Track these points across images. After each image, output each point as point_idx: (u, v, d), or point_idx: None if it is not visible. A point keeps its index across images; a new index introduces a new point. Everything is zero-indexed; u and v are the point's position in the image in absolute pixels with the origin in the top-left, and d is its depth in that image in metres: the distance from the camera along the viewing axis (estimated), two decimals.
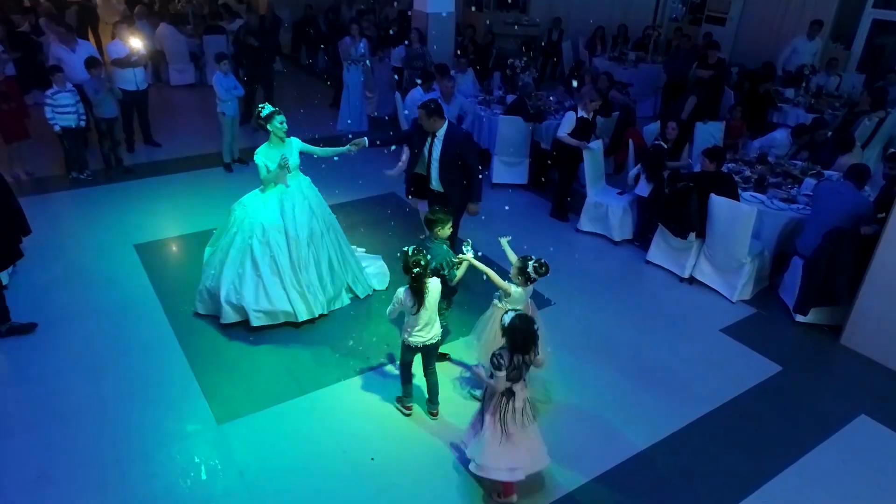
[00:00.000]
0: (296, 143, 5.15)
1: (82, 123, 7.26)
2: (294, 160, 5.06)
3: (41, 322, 5.02)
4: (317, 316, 5.09)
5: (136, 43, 7.96)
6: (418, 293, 3.80)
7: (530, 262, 3.96)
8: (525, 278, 4.01)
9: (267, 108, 4.95)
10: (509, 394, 3.37)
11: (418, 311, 3.85)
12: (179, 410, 4.23)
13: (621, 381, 4.69)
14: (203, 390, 4.40)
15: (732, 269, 5.70)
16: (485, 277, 4.10)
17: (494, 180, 7.92)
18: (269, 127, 4.94)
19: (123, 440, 3.97)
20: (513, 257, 4.18)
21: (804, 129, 7.20)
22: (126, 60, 7.98)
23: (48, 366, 4.58)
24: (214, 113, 8.14)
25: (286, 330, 5.05)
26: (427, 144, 5.21)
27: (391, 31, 11.32)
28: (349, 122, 9.43)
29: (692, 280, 6.00)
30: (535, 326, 3.34)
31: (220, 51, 9.61)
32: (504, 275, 4.18)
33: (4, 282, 5.43)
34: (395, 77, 10.10)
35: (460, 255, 4.11)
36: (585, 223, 6.86)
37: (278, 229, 4.91)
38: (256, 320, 4.95)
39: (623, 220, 6.59)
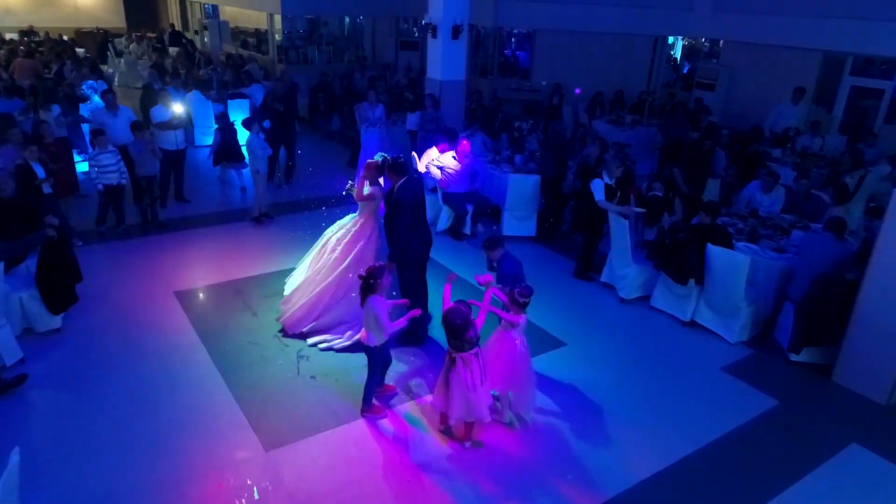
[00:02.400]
0: None
1: (123, 181, 7.84)
2: None
3: (98, 360, 5.47)
4: None
5: (178, 108, 8.69)
6: (364, 292, 4.58)
7: (515, 291, 4.57)
8: (519, 306, 4.57)
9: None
10: (452, 360, 4.36)
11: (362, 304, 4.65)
12: (230, 439, 4.63)
13: (629, 414, 5.10)
14: (249, 422, 4.81)
15: (730, 312, 6.19)
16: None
17: (505, 232, 8.48)
18: None
19: (181, 466, 4.36)
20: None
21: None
22: (169, 123, 8.68)
23: (106, 400, 4.99)
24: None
25: (320, 366, 5.49)
26: None
27: (410, 97, 12.12)
28: None
29: (693, 324, 6.47)
30: (460, 322, 4.21)
31: (245, 115, 10.41)
32: None
33: (58, 325, 5.91)
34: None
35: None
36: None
37: None
38: None
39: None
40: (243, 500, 4.10)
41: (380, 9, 16.52)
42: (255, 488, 4.20)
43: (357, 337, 5.29)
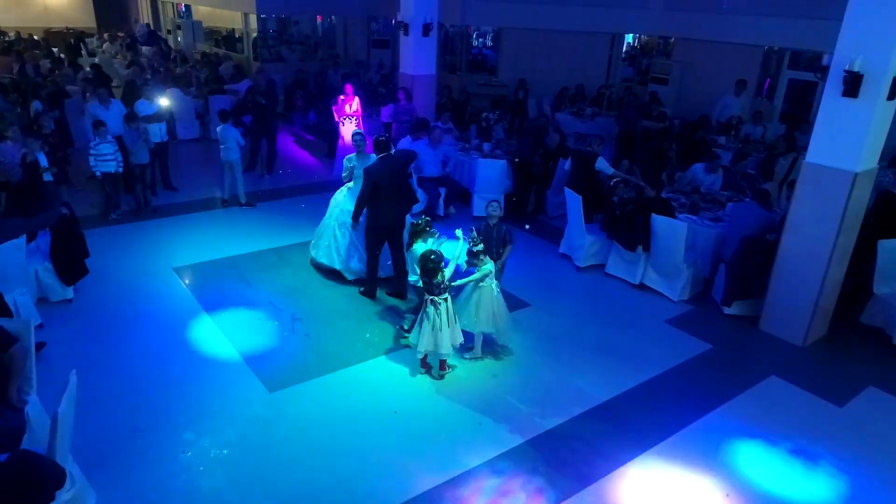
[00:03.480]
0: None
1: (120, 169, 8.37)
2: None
3: (111, 324, 6.06)
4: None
5: (164, 101, 9.24)
6: (411, 237, 5.72)
7: (469, 245, 5.42)
8: (477, 256, 5.42)
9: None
10: (429, 302, 5.20)
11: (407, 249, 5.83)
12: (238, 384, 5.29)
13: (586, 357, 5.90)
14: (253, 370, 5.47)
15: (673, 274, 7.04)
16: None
17: (475, 213, 9.25)
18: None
19: (197, 405, 5.01)
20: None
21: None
22: (153, 116, 9.23)
23: (122, 357, 5.60)
24: (219, 162, 9.37)
25: (313, 325, 6.18)
26: None
27: (383, 92, 12.83)
28: None
29: (642, 286, 7.30)
30: (433, 258, 5.08)
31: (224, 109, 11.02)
32: None
33: (70, 296, 6.48)
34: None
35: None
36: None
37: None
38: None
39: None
40: (255, 427, 4.78)
41: (352, 9, 17.15)
42: (263, 418, 4.88)
43: None
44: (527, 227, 5.91)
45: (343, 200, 7.13)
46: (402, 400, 5.21)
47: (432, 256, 5.12)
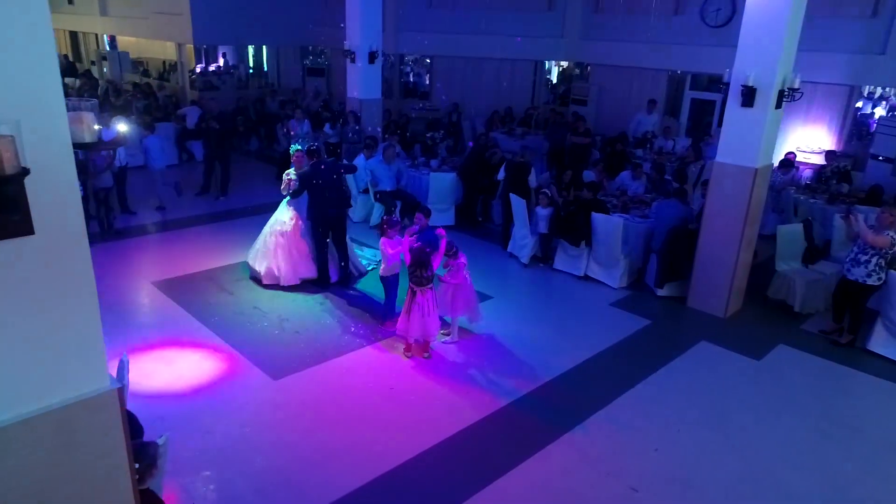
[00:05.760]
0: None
1: (81, 193, 8.58)
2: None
3: (108, 333, 6.36)
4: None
5: (122, 127, 9.52)
6: (380, 234, 6.56)
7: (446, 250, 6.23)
8: (455, 253, 6.24)
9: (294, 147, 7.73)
10: (413, 293, 5.88)
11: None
12: (243, 375, 5.79)
13: (547, 336, 6.77)
14: (254, 363, 5.97)
15: (612, 265, 8.07)
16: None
17: (429, 223, 10.00)
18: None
19: (208, 394, 5.47)
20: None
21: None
22: (114, 142, 9.47)
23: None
24: (166, 187, 10.42)
25: (300, 323, 6.73)
26: None
27: (327, 115, 13.48)
28: None
29: (586, 277, 8.30)
30: (428, 250, 5.75)
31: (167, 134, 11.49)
32: None
33: None
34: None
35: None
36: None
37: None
38: None
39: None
40: (268, 407, 5.30)
41: (287, 39, 17.73)
42: (273, 400, 5.41)
43: None
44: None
45: (279, 210, 7.91)
46: (395, 378, 5.86)
47: (427, 249, 5.83)
